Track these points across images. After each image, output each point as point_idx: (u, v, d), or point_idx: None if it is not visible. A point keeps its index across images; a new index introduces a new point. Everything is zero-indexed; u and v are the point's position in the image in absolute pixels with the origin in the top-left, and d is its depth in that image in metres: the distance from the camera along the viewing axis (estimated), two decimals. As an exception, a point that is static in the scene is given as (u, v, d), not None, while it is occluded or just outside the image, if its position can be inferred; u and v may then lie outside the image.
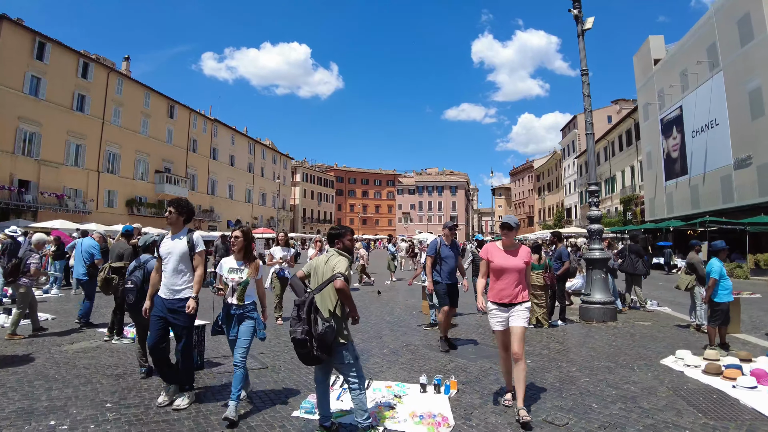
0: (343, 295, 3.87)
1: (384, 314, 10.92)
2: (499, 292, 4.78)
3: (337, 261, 3.99)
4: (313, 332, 3.74)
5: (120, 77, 44.71)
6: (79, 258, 9.73)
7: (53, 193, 36.39)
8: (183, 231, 4.97)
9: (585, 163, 57.87)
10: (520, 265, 4.81)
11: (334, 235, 4.25)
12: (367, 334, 8.41)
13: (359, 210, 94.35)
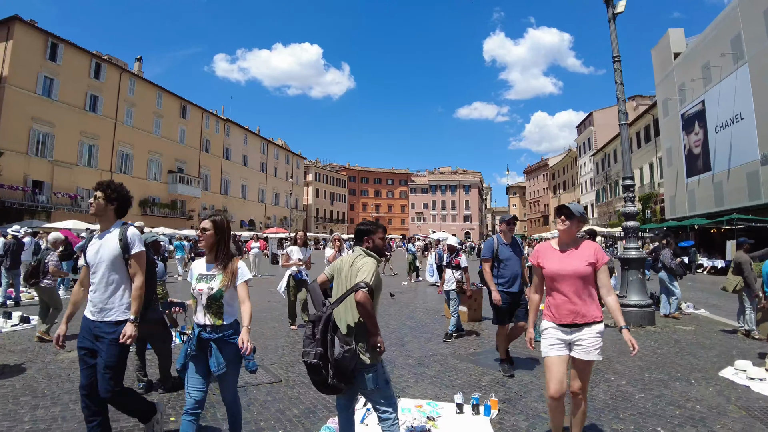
0: (363, 311, 3.04)
1: (404, 318, 10.18)
2: (557, 308, 3.54)
3: (362, 264, 3.23)
4: (329, 357, 2.98)
5: (132, 77, 44.48)
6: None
7: (66, 194, 36.29)
8: (115, 226, 3.61)
9: (601, 161, 56.75)
10: (582, 268, 3.47)
11: (363, 231, 3.46)
12: (388, 341, 7.69)
13: (372, 209, 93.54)
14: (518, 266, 6.21)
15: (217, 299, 3.34)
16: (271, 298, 12.97)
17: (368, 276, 3.11)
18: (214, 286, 3.34)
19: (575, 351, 3.47)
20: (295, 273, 8.75)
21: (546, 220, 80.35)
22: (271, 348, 7.28)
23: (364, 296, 3.00)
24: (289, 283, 8.77)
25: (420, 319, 10.14)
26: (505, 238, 6.32)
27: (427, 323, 9.61)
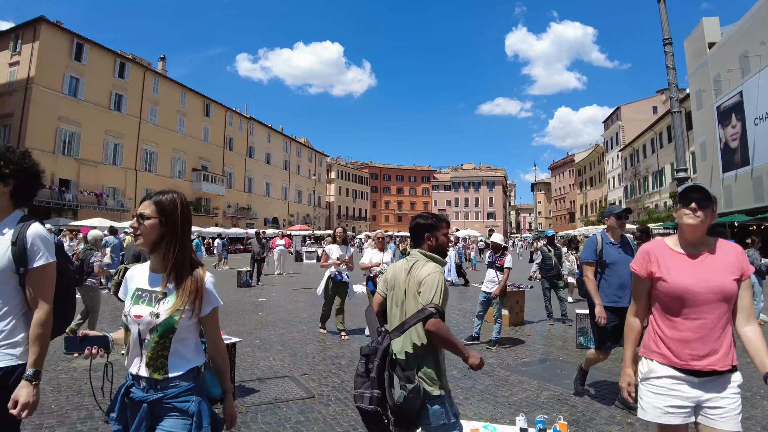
0: (440, 340, 2.38)
1: None
2: (681, 345, 2.22)
3: (426, 274, 2.47)
4: (387, 400, 2.32)
5: (156, 76, 44.55)
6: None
7: (92, 192, 36.47)
8: (9, 220, 2.20)
9: (630, 156, 55.13)
10: (729, 284, 2.20)
11: (423, 227, 2.69)
12: None
13: (394, 207, 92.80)
14: (628, 273, 4.71)
15: (163, 334, 1.93)
16: (296, 298, 12.43)
17: (436, 294, 2.39)
18: (161, 312, 1.94)
19: (706, 417, 2.19)
20: (334, 274, 7.82)
21: (572, 217, 78.52)
22: (300, 355, 6.65)
23: (437, 325, 2.30)
24: (328, 285, 7.87)
25: (457, 322, 9.40)
26: (612, 235, 4.84)
27: (465, 327, 8.87)
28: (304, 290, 14.04)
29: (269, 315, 9.84)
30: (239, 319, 9.39)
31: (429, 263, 2.58)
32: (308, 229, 48.77)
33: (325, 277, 7.92)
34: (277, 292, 13.71)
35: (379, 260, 7.67)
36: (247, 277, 14.89)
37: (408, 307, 2.51)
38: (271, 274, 19.32)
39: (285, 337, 7.78)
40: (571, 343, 7.54)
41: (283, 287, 15.23)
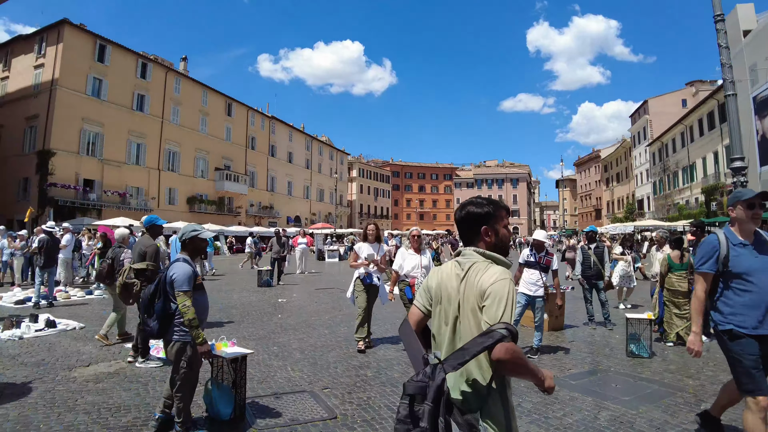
0: (516, 370, 1.75)
1: None
2: None
3: (492, 283, 1.81)
4: None
5: (178, 76, 44.51)
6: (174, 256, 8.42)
7: (116, 192, 36.50)
8: None
9: (658, 151, 53.44)
10: None
11: (479, 217, 2.01)
12: None
13: (416, 205, 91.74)
14: None
15: None
16: (318, 299, 11.84)
17: (506, 309, 1.74)
18: None
19: None
20: (363, 276, 6.89)
21: (598, 214, 76.57)
22: (321, 365, 6.00)
23: (510, 351, 1.65)
24: (357, 287, 6.99)
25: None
26: (741, 232, 3.33)
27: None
28: (326, 290, 13.46)
29: (289, 317, 9.25)
30: (258, 321, 8.83)
31: (492, 266, 1.89)
32: (330, 227, 48.29)
33: (353, 279, 7.07)
34: (298, 292, 13.16)
35: (414, 264, 6.61)
36: (268, 276, 14.36)
37: (463, 327, 1.84)
38: (293, 273, 18.81)
39: (305, 343, 7.16)
40: (619, 351, 6.75)
41: (304, 287, 14.68)
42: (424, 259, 6.72)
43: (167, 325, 3.56)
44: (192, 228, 3.97)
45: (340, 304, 10.65)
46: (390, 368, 5.79)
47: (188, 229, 3.97)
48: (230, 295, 12.14)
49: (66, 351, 6.66)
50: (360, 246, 7.16)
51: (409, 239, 6.93)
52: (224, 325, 8.53)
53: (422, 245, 6.93)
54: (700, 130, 43.11)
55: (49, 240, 10.70)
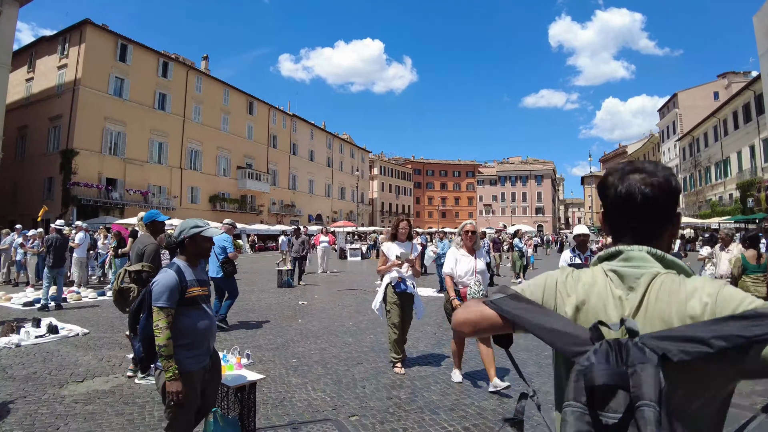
0: None
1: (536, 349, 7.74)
2: None
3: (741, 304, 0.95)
4: None
5: (199, 75, 44.25)
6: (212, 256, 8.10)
7: (138, 190, 36.40)
8: None
9: (689, 146, 51.52)
10: None
11: (675, 195, 1.11)
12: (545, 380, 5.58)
13: (438, 203, 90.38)
14: None
15: None
16: (341, 301, 11.05)
17: None
18: None
19: None
20: (396, 281, 5.54)
21: (625, 212, 74.52)
22: (347, 383, 5.15)
23: None
24: (387, 296, 5.63)
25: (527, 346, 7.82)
26: None
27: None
28: (349, 292, 12.66)
29: (310, 322, 8.45)
30: (276, 327, 8.05)
31: (686, 280, 1.04)
32: (352, 225, 47.54)
33: (382, 286, 5.72)
34: (319, 294, 12.39)
35: (468, 269, 5.03)
36: (288, 276, 13.62)
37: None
38: (315, 273, 18.08)
39: (327, 353, 6.34)
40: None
41: (326, 287, 13.93)
42: (480, 262, 5.13)
43: (152, 347, 2.72)
44: (192, 224, 3.02)
45: (365, 308, 9.85)
46: (427, 388, 4.91)
47: (188, 225, 3.02)
48: (248, 296, 11.41)
49: (62, 362, 5.94)
50: (389, 246, 5.70)
51: (461, 236, 5.31)
52: (240, 330, 7.77)
53: (478, 243, 5.32)
54: (735, 123, 41.28)
55: (58, 239, 10.10)
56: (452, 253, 5.22)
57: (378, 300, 5.76)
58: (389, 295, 5.58)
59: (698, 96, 53.09)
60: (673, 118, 55.86)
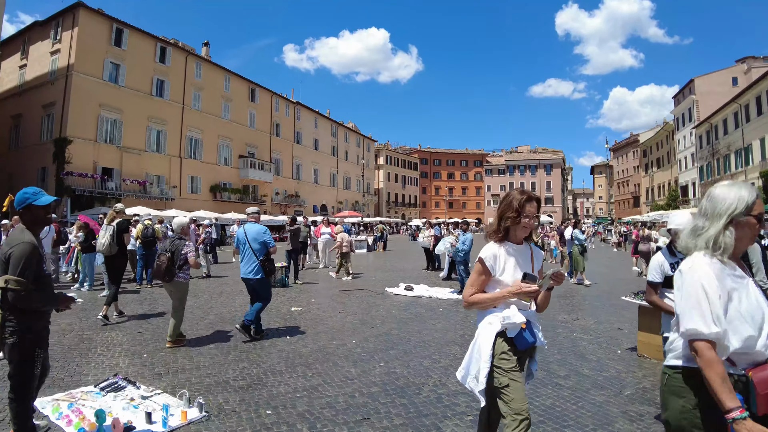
0: None
1: (583, 360, 5.78)
2: None
3: None
4: None
5: (198, 61, 42.32)
6: (247, 252, 6.72)
7: (135, 180, 34.86)
8: None
9: (706, 133, 49.19)
10: None
11: None
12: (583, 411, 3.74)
13: (445, 193, 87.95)
14: None
15: None
16: (343, 307, 9.11)
17: None
18: None
19: None
20: (515, 330, 2.61)
21: (637, 202, 72.10)
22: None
23: None
24: (497, 358, 2.56)
25: (599, 358, 5.95)
26: None
27: (613, 372, 5.41)
28: (353, 293, 10.74)
29: (301, 340, 6.47)
30: (255, 348, 6.04)
31: None
32: (357, 215, 45.63)
33: (484, 334, 2.62)
34: (318, 296, 10.44)
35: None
36: (283, 274, 11.72)
37: None
38: (315, 268, 16.23)
39: (318, 400, 4.30)
40: None
41: (326, 286, 11.99)
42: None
43: None
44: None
45: (372, 317, 8.00)
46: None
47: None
48: (232, 300, 9.53)
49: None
50: (497, 252, 2.69)
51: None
52: (206, 353, 5.89)
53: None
54: (758, 109, 38.96)
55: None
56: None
57: (482, 373, 2.54)
58: (503, 358, 2.58)
59: (716, 82, 50.75)
60: (689, 105, 53.46)
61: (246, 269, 6.64)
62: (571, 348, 6.16)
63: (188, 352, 5.85)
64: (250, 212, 7.17)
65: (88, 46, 31.98)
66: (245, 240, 6.68)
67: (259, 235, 6.71)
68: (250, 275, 6.60)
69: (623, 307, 9.17)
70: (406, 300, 9.86)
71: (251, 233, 6.71)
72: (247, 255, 6.65)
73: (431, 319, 7.84)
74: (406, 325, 7.38)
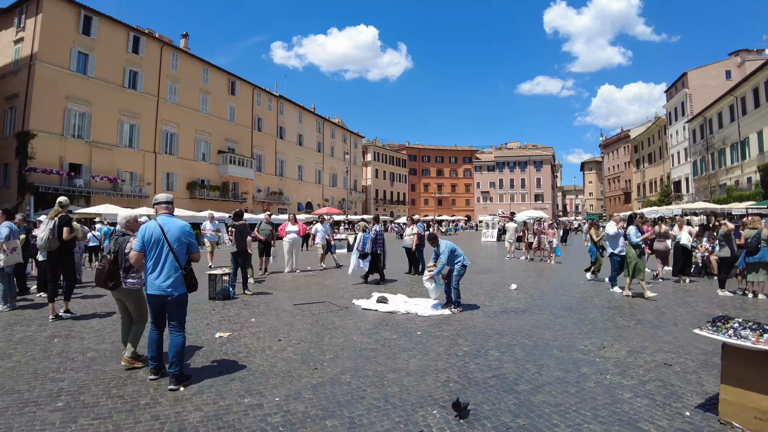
0: None
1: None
2: None
3: None
4: None
5: (175, 52, 39.71)
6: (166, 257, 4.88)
7: (106, 177, 32.31)
8: None
9: (700, 127, 47.35)
10: None
11: None
12: None
13: (434, 190, 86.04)
14: None
15: None
16: (289, 330, 6.84)
17: None
18: None
19: None
20: None
21: (628, 198, 70.31)
22: None
23: None
24: None
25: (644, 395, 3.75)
26: None
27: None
28: (309, 308, 8.48)
29: (201, 395, 4.30)
30: (122, 407, 3.90)
31: None
32: (340, 213, 43.15)
33: None
34: (263, 312, 8.08)
35: None
36: (226, 284, 9.33)
37: None
38: (281, 272, 13.88)
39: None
40: None
41: (279, 299, 9.55)
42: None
43: None
44: None
45: (321, 347, 5.80)
46: None
47: None
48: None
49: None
50: None
51: None
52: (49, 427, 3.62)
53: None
54: (755, 101, 37.11)
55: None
56: None
57: None
58: None
59: (709, 75, 49.16)
60: (682, 99, 51.69)
61: (162, 281, 4.59)
62: (611, 406, 3.95)
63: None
64: (162, 201, 4.95)
65: (53, 34, 29.60)
66: (162, 239, 4.62)
67: (185, 234, 4.76)
68: (169, 290, 4.59)
69: (655, 324, 6.98)
70: (375, 318, 7.60)
71: (173, 231, 4.69)
72: (163, 261, 4.62)
73: (404, 351, 5.60)
74: (366, 363, 5.15)
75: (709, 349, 5.68)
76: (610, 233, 10.15)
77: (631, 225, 9.89)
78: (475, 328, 6.78)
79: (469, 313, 7.96)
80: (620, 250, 10.04)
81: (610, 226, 10.24)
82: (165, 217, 4.75)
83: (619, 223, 10.42)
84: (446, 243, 8.37)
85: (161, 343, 4.73)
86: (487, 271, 14.86)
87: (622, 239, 10.10)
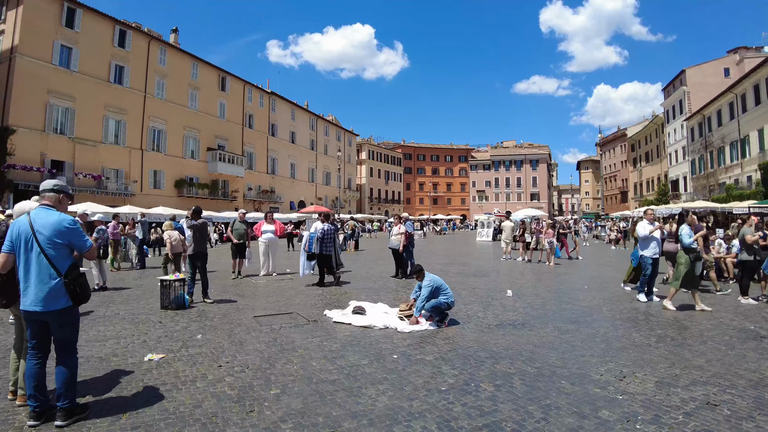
0: None
1: None
2: None
3: None
4: None
5: (163, 46, 38.38)
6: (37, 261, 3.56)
7: (90, 174, 31.04)
8: None
9: (698, 125, 46.28)
10: None
11: None
12: None
13: (429, 188, 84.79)
14: None
15: None
16: (238, 350, 5.56)
17: None
18: None
19: None
20: None
21: (625, 197, 69.22)
22: None
23: None
24: None
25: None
26: None
27: None
28: (272, 320, 7.21)
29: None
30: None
31: None
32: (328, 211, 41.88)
33: None
34: (215, 327, 6.74)
35: None
36: (181, 290, 8.04)
37: None
38: (256, 275, 12.62)
39: None
40: None
41: (241, 307, 8.28)
42: None
43: None
44: None
45: (269, 376, 4.57)
46: None
47: None
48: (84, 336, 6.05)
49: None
50: None
51: None
52: None
53: None
54: (755, 98, 36.01)
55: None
56: None
57: None
58: None
59: (708, 73, 48.15)
60: (680, 97, 50.60)
61: (35, 293, 3.45)
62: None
63: None
64: (46, 188, 3.79)
65: (35, 27, 28.37)
66: (31, 238, 3.48)
67: (60, 232, 3.54)
68: (42, 304, 3.45)
69: (679, 342, 5.80)
70: (346, 335, 6.28)
71: (46, 228, 3.51)
72: (36, 267, 3.48)
73: (372, 384, 4.36)
74: (319, 404, 3.89)
75: (756, 378, 4.49)
76: (643, 233, 8.75)
77: (683, 224, 8.47)
78: (464, 349, 5.55)
79: (459, 327, 6.70)
80: (654, 253, 8.71)
81: (642, 225, 8.82)
82: (40, 210, 3.56)
83: (653, 220, 8.99)
84: (432, 277, 7.07)
85: (44, 377, 3.53)
86: (481, 273, 13.64)
87: (656, 241, 8.77)
